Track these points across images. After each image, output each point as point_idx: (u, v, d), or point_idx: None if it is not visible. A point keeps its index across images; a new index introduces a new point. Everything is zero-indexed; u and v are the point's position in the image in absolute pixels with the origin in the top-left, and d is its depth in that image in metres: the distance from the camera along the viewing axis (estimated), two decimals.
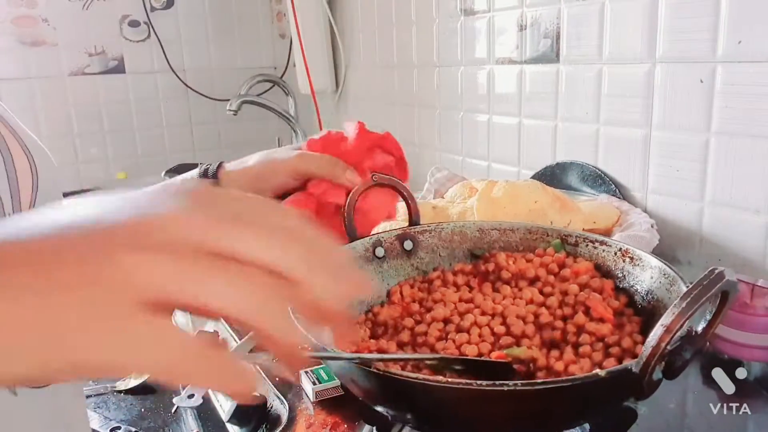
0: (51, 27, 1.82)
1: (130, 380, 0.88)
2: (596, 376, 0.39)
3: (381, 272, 0.67)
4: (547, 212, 0.82)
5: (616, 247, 0.61)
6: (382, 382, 0.43)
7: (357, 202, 0.61)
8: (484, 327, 0.55)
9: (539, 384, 0.40)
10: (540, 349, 0.53)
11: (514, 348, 0.52)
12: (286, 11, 1.86)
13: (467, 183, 0.98)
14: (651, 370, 0.38)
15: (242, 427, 0.66)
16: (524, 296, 0.59)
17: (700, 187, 0.86)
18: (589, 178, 1.03)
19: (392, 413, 0.48)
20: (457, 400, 0.41)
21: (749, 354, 0.67)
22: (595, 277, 0.59)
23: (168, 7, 1.97)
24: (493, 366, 0.49)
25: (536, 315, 0.56)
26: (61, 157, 1.89)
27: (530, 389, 0.39)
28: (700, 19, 0.81)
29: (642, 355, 0.38)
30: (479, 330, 0.55)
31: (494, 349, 0.53)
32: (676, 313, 0.37)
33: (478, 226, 0.69)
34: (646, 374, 0.38)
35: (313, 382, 0.64)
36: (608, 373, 0.39)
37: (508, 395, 0.39)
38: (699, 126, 0.84)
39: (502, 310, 0.57)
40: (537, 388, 0.39)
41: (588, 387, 0.40)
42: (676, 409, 0.62)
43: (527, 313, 0.56)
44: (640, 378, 0.38)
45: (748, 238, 0.81)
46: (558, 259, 0.63)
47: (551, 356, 0.52)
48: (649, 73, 0.90)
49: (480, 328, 0.55)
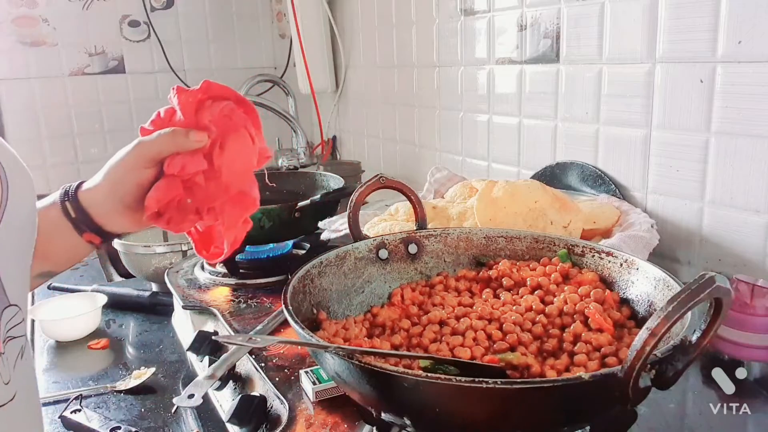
0: (51, 27, 1.82)
1: (130, 380, 0.88)
2: (579, 379, 0.38)
3: (384, 274, 0.66)
4: (547, 212, 0.82)
5: (623, 258, 0.60)
6: (364, 375, 0.43)
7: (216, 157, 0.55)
8: (480, 331, 0.55)
9: (518, 383, 0.40)
10: (536, 357, 0.52)
11: (508, 353, 0.51)
12: (286, 11, 1.86)
13: (467, 183, 0.98)
14: (636, 375, 0.37)
15: (242, 426, 0.66)
16: (523, 303, 0.59)
17: (700, 187, 0.86)
18: (589, 178, 1.03)
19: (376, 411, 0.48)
20: (437, 396, 0.41)
21: (749, 354, 0.67)
22: (599, 287, 0.59)
23: (168, 7, 1.97)
24: (485, 370, 0.49)
25: (534, 322, 0.56)
26: (60, 157, 1.89)
27: (509, 388, 0.39)
28: (700, 19, 0.81)
29: (627, 359, 0.37)
30: (474, 334, 0.55)
31: (488, 354, 0.52)
32: (661, 316, 0.36)
33: (485, 233, 0.69)
34: (631, 379, 0.37)
35: (313, 382, 0.64)
36: (592, 377, 0.38)
37: (487, 393, 0.38)
38: (699, 126, 0.84)
39: (499, 315, 0.57)
40: (516, 388, 0.39)
41: (570, 390, 0.39)
42: (676, 409, 0.62)
43: (525, 320, 0.56)
44: (625, 383, 0.37)
45: (748, 238, 0.81)
46: (563, 269, 0.62)
47: (546, 364, 0.51)
48: (649, 73, 0.90)
49: (475, 332, 0.55)
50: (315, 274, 0.60)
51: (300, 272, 0.58)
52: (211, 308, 0.90)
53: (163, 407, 0.83)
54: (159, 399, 0.85)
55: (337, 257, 0.63)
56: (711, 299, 0.38)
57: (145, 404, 0.84)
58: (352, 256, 0.65)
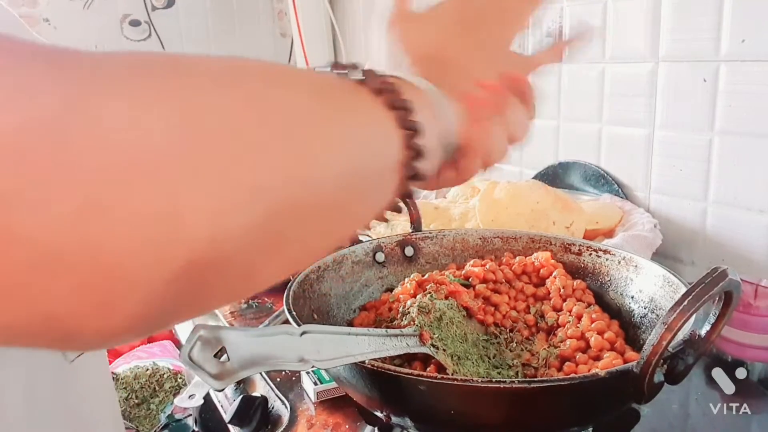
0: (52, 27, 1.82)
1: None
2: (596, 376, 0.38)
3: (381, 278, 0.66)
4: (549, 213, 0.82)
5: (620, 255, 0.60)
6: (374, 379, 0.43)
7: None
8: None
9: (536, 382, 0.40)
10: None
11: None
12: (288, 10, 1.86)
13: (469, 183, 0.98)
14: (652, 371, 0.37)
15: (243, 427, 0.66)
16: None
17: (703, 186, 0.85)
18: (592, 177, 1.02)
19: (387, 413, 0.48)
20: (451, 397, 0.41)
21: (752, 354, 0.67)
22: (563, 275, 0.60)
23: (169, 6, 1.97)
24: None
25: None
26: None
27: (525, 387, 0.38)
28: (703, 18, 0.81)
29: (643, 354, 0.37)
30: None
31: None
32: (677, 311, 0.36)
33: (480, 234, 0.69)
34: (647, 375, 0.37)
35: (315, 382, 0.64)
36: (608, 374, 0.38)
37: (502, 393, 0.38)
38: (702, 125, 0.84)
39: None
40: (534, 387, 0.39)
41: (587, 387, 0.39)
42: (679, 410, 0.62)
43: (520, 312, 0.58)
44: (641, 379, 0.37)
45: (752, 238, 0.81)
46: (520, 264, 0.63)
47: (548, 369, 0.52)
48: (652, 72, 0.90)
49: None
50: (314, 279, 0.60)
51: (299, 277, 0.58)
52: None
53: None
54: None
55: (335, 261, 0.63)
56: (721, 292, 0.38)
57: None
58: (349, 260, 0.65)
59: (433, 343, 0.47)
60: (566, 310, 0.57)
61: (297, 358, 0.35)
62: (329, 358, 0.37)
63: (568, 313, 0.57)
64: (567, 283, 0.59)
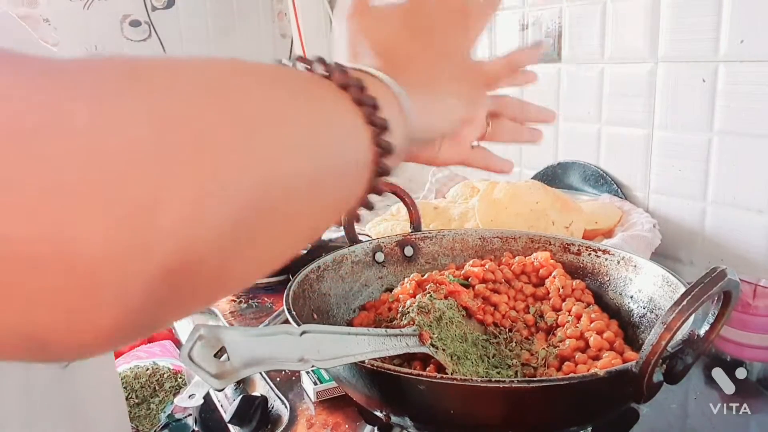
0: (52, 27, 1.82)
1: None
2: (595, 376, 0.38)
3: (381, 278, 0.66)
4: (548, 213, 0.82)
5: (619, 255, 0.60)
6: (374, 379, 0.43)
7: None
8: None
9: (535, 382, 0.40)
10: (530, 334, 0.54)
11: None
12: (287, 11, 1.86)
13: (468, 183, 0.98)
14: (651, 371, 0.37)
15: (243, 427, 0.66)
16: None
17: (702, 186, 0.86)
18: (591, 177, 1.02)
19: (386, 413, 0.48)
20: (451, 397, 0.41)
21: (751, 354, 0.67)
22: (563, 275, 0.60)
23: (169, 6, 1.97)
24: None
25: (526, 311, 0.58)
26: None
27: (524, 387, 0.38)
28: (702, 18, 0.81)
29: (642, 354, 0.37)
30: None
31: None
32: (676, 311, 0.36)
33: (480, 234, 0.69)
34: (646, 374, 0.37)
35: (315, 382, 0.64)
36: (607, 373, 0.38)
37: (503, 392, 0.38)
38: (701, 125, 0.84)
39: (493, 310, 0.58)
40: (533, 386, 0.39)
41: (586, 387, 0.39)
42: (678, 410, 0.62)
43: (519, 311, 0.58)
44: (640, 378, 0.37)
45: (751, 238, 0.81)
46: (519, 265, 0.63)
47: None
48: (651, 72, 0.90)
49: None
50: (313, 279, 0.60)
51: (299, 277, 0.58)
52: (211, 307, 0.90)
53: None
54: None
55: (335, 261, 0.63)
56: (720, 292, 0.38)
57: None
58: (348, 260, 0.65)
59: (432, 343, 0.48)
60: (565, 310, 0.57)
61: (297, 357, 0.35)
62: (329, 357, 0.37)
63: (567, 312, 0.57)
64: (566, 283, 0.59)
